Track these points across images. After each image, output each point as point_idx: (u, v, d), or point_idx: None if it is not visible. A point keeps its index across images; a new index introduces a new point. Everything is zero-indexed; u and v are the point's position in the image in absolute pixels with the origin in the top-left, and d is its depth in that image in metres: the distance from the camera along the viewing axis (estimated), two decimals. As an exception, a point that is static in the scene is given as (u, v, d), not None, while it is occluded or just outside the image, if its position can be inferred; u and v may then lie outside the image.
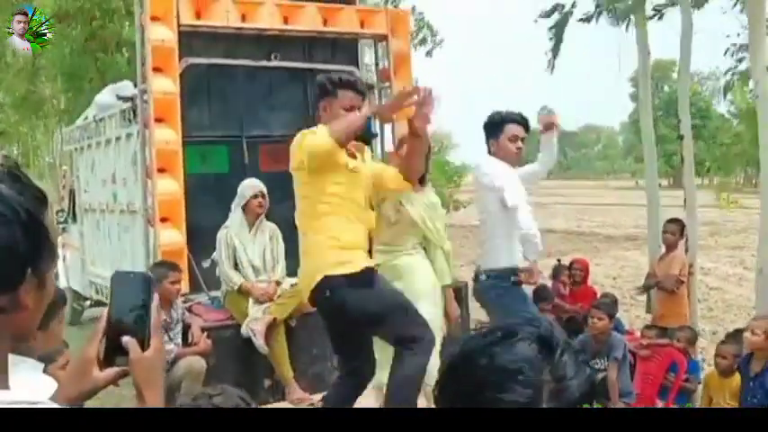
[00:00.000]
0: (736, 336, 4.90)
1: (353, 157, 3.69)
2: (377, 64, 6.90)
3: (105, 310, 1.32)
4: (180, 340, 4.93)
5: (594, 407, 4.67)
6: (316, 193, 3.61)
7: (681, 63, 7.59)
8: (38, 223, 1.07)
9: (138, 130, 5.84)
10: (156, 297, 1.33)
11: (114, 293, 1.33)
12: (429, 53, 16.79)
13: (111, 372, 1.30)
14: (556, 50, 9.51)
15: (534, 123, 4.61)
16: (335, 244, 3.57)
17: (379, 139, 6.86)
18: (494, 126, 4.33)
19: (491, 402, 0.99)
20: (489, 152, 4.36)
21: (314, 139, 3.51)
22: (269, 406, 4.72)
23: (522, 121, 4.35)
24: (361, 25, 6.39)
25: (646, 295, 7.14)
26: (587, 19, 9.14)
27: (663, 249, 6.35)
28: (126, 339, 1.29)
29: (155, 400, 1.29)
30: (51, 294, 1.23)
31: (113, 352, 1.30)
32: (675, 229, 6.16)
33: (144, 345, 1.29)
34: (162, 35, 5.40)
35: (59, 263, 9.73)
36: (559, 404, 0.99)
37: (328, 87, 3.71)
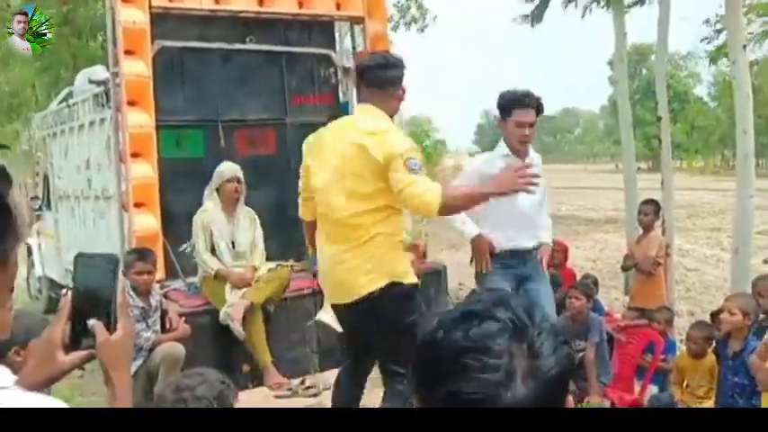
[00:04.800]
0: (704, 322, 4.98)
1: None
2: (353, 47, 6.84)
3: (69, 293, 1.29)
4: (158, 327, 4.87)
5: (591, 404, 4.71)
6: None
7: (658, 45, 7.63)
8: (1, 202, 1.03)
9: (111, 115, 5.75)
10: (121, 278, 1.30)
11: (78, 276, 1.29)
12: (422, 30, 16.41)
13: (76, 355, 1.28)
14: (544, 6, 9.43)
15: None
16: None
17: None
18: (503, 107, 4.24)
19: (463, 378, 0.97)
20: (499, 129, 4.35)
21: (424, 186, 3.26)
22: (247, 391, 4.69)
23: (533, 104, 4.18)
24: (338, 7, 6.33)
25: (624, 277, 7.20)
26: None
27: (640, 231, 6.39)
28: (92, 322, 1.26)
29: (123, 381, 1.28)
30: (14, 277, 1.19)
31: (79, 335, 1.27)
32: (650, 210, 6.20)
33: (110, 327, 1.27)
34: (133, 17, 5.31)
35: (35, 251, 9.62)
36: (535, 382, 0.97)
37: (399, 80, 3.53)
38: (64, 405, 1.06)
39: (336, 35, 6.97)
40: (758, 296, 4.49)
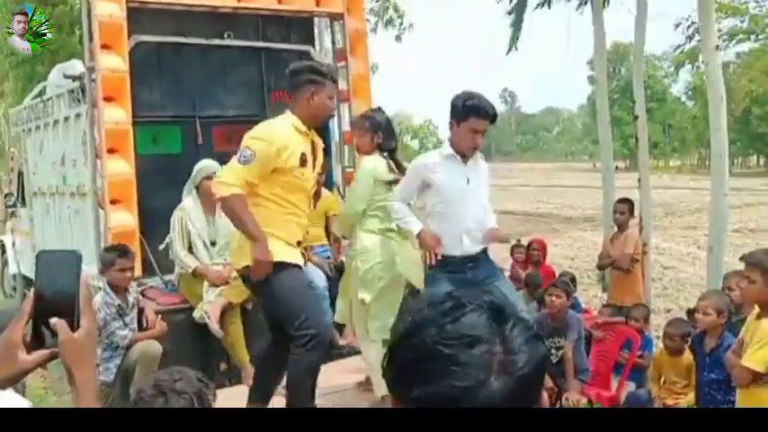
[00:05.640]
0: (681, 319, 5.02)
1: (304, 164, 3.85)
2: (333, 43, 6.81)
3: (31, 291, 1.26)
4: (135, 325, 4.83)
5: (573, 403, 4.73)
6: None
7: (635, 45, 7.69)
8: None
9: (87, 110, 5.67)
10: (84, 274, 1.26)
11: (40, 273, 1.26)
12: (398, 38, 16.35)
13: (39, 354, 1.25)
14: (516, 32, 9.54)
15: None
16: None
17: (336, 119, 6.80)
18: (459, 112, 4.18)
19: (439, 372, 0.96)
20: (450, 129, 4.29)
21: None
22: (225, 389, 4.65)
23: (489, 116, 4.16)
24: (317, 3, 6.29)
25: (600, 275, 7.25)
26: (546, 2, 9.21)
27: (615, 229, 6.45)
28: (54, 320, 1.23)
29: (87, 380, 1.25)
30: None
31: (41, 334, 1.24)
32: (626, 209, 6.25)
33: (74, 324, 1.24)
34: (109, 11, 5.24)
35: (9, 248, 9.49)
36: (509, 378, 0.96)
37: (318, 77, 3.89)
38: (27, 404, 1.03)
39: (316, 31, 6.93)
40: (728, 290, 4.54)
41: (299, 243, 4.00)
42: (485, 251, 4.40)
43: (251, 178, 3.74)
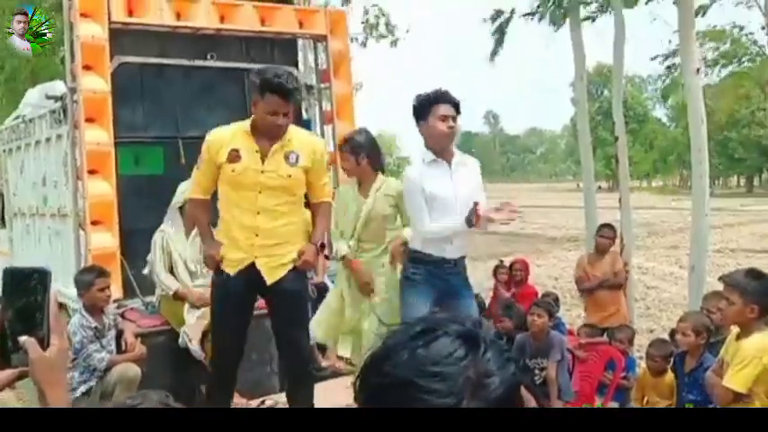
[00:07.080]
0: (663, 340, 5.04)
1: (234, 160, 3.95)
2: (316, 64, 6.84)
3: None
4: (113, 347, 4.77)
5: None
6: None
7: (614, 66, 7.80)
8: None
9: (68, 131, 5.65)
10: (53, 293, 1.25)
11: (7, 291, 1.24)
12: (394, 43, 16.31)
13: (7, 373, 1.23)
14: (499, 42, 9.64)
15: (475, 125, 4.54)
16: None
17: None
18: (422, 108, 4.15)
19: (411, 398, 0.95)
20: (421, 134, 4.21)
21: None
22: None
23: (451, 101, 4.14)
24: (300, 25, 6.33)
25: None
26: (531, 14, 9.32)
27: (591, 251, 6.49)
28: (24, 339, 1.21)
29: (59, 399, 1.23)
30: None
31: (9, 352, 1.22)
32: (612, 234, 6.31)
33: (44, 343, 1.22)
34: (92, 31, 5.24)
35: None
36: (481, 401, 0.95)
37: (259, 88, 3.91)
38: None
39: (300, 52, 6.96)
40: (707, 312, 4.57)
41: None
42: (462, 258, 4.37)
43: (204, 180, 4.09)
